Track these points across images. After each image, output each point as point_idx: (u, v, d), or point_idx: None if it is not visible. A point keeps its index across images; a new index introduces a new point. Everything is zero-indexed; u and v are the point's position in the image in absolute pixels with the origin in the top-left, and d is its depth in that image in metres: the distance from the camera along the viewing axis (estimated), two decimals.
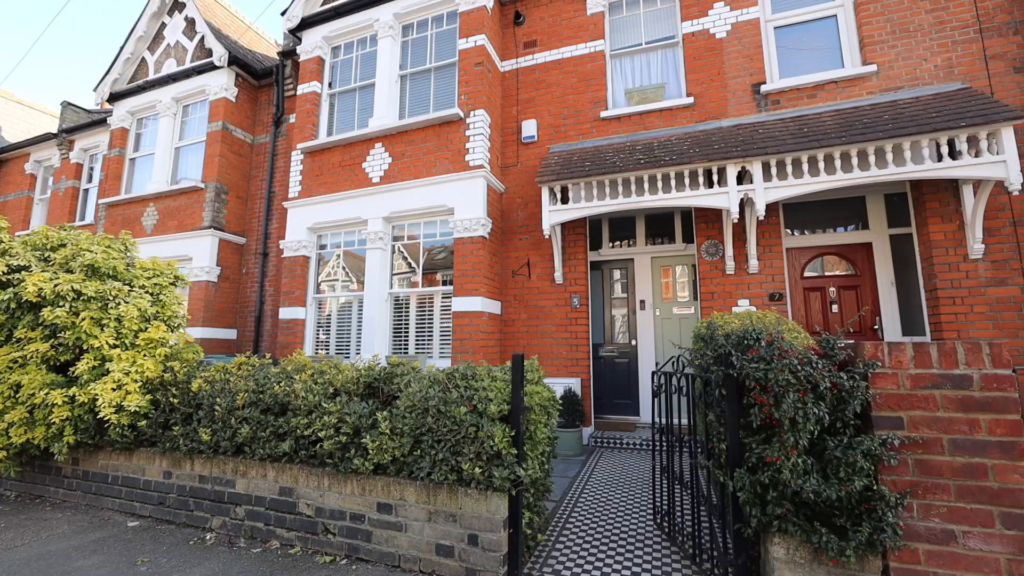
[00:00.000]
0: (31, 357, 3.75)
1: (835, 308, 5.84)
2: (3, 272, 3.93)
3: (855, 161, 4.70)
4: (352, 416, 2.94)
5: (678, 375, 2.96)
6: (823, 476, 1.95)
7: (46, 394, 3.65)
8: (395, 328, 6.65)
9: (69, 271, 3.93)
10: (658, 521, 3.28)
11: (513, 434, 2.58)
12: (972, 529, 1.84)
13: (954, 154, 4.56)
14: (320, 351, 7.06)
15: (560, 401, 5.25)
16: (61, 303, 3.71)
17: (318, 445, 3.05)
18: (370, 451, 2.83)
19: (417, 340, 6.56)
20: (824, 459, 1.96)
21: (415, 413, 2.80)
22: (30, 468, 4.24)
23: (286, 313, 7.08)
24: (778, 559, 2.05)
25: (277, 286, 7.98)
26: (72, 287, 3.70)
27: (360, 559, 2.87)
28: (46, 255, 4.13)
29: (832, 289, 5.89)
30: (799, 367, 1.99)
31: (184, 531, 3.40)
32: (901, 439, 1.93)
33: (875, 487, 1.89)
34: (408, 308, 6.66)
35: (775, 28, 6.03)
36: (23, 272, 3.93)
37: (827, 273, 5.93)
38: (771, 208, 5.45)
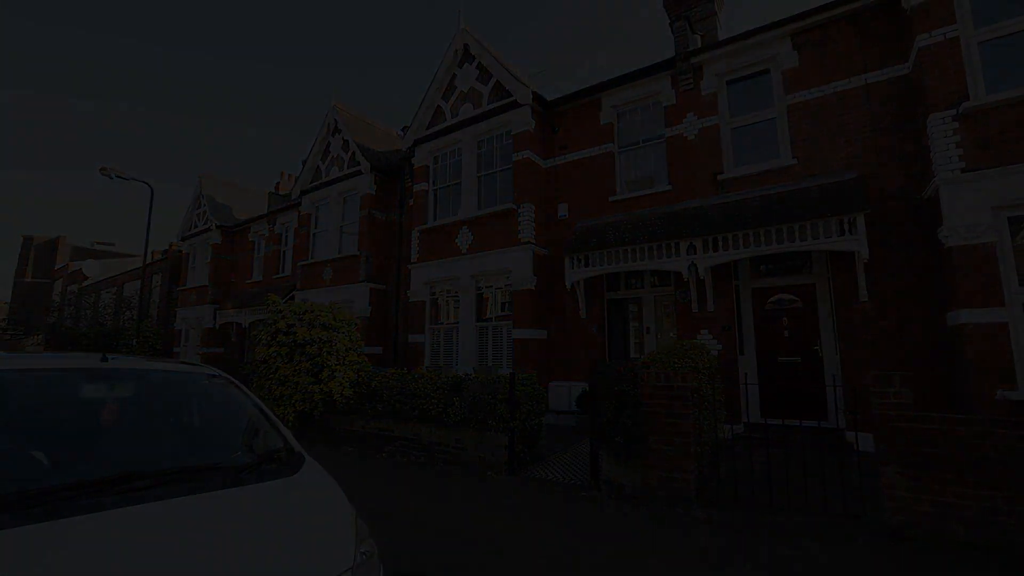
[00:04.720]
0: (301, 370, 7.82)
1: (787, 333, 7.91)
2: (287, 327, 8.10)
3: (762, 238, 6.95)
4: (443, 399, 6.33)
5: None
6: (617, 424, 4.79)
7: (309, 387, 7.67)
8: (480, 347, 10.09)
9: (313, 326, 7.98)
10: None
11: (510, 408, 5.73)
12: (670, 446, 4.57)
13: (829, 232, 6.58)
14: (435, 362, 10.79)
15: (578, 397, 8.28)
16: (313, 343, 7.73)
17: (430, 412, 6.49)
18: (452, 415, 6.19)
19: (493, 355, 9.92)
20: (618, 417, 4.81)
21: (470, 398, 6.09)
22: (301, 422, 8.39)
23: (412, 338, 10.97)
24: (605, 460, 4.94)
25: (406, 318, 11.97)
26: (317, 336, 7.71)
27: (449, 463, 6.25)
28: (301, 317, 8.25)
29: (785, 319, 7.95)
30: (606, 379, 4.86)
31: (372, 452, 7.12)
32: (649, 410, 4.70)
33: (637, 428, 4.70)
34: (488, 334, 10.06)
35: (732, 128, 8.28)
36: (293, 327, 8.05)
37: (782, 307, 7.98)
38: (725, 265, 7.76)
